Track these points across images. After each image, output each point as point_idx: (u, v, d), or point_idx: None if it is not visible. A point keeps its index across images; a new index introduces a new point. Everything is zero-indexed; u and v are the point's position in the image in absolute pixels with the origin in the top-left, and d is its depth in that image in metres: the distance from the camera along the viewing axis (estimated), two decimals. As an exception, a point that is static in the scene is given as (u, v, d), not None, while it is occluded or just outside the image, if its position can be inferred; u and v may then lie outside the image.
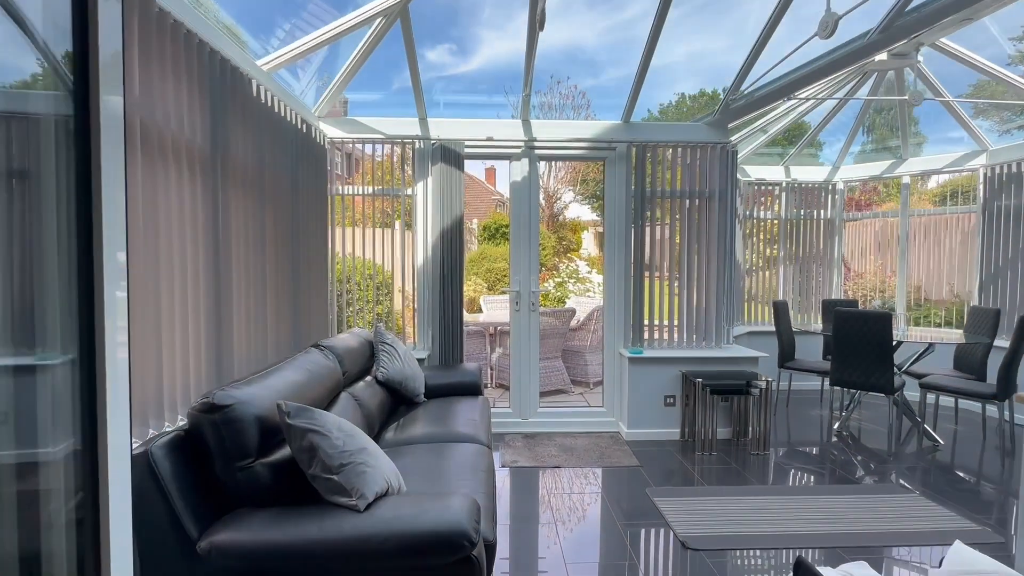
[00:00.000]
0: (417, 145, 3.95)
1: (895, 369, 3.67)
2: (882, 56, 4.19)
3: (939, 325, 5.56)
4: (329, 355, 2.41)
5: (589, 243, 16.25)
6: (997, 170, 4.77)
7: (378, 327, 3.24)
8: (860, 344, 3.72)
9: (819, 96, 4.44)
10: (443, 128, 3.98)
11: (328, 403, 2.26)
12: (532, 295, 4.12)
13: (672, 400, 3.96)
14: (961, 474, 3.37)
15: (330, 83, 3.69)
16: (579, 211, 17.35)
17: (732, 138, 4.13)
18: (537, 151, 4.05)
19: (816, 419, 4.62)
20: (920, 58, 4.18)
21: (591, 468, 3.41)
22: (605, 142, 4.02)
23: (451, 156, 3.87)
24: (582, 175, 16.29)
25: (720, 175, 4.06)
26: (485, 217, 13.83)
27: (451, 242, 3.89)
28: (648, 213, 4.07)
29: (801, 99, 4.32)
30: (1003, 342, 4.07)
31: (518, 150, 4.03)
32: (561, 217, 16.18)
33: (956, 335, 4.92)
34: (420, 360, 3.81)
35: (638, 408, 3.95)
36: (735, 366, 3.95)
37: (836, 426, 4.19)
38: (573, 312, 5.72)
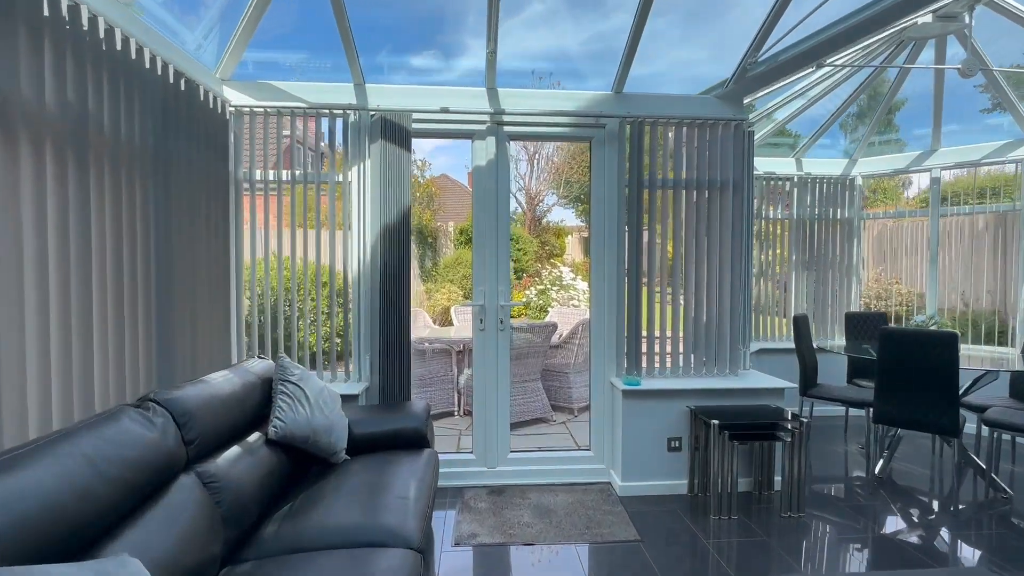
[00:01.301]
0: (351, 118, 3.07)
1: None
2: (926, 18, 3.46)
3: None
4: (156, 419, 1.50)
5: (574, 248, 15.47)
6: (1048, 161, 4.07)
7: (281, 360, 2.33)
8: (916, 373, 2.94)
9: (855, 64, 3.69)
10: (385, 96, 3.10)
11: (136, 507, 1.35)
12: (501, 310, 3.25)
13: (677, 444, 3.12)
14: (1055, 545, 2.59)
15: (233, 36, 2.79)
16: (563, 214, 16.60)
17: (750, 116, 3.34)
18: (507, 128, 3.20)
19: (844, 457, 3.83)
20: (971, 22, 3.45)
21: (575, 545, 2.54)
22: (592, 116, 3.18)
23: (395, 132, 3.00)
24: (565, 177, 15.54)
25: (735, 160, 3.26)
26: (465, 221, 12.95)
27: (395, 243, 3.01)
28: (646, 207, 3.25)
29: (836, 67, 3.55)
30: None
31: (482, 126, 3.17)
32: (544, 220, 15.40)
33: (1003, 354, 4.20)
34: (352, 397, 2.91)
35: (635, 454, 3.10)
36: (756, 399, 3.13)
37: (877, 470, 3.40)
38: (554, 327, 4.87)
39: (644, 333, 3.28)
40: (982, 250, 4.67)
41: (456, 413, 4.95)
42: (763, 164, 4.91)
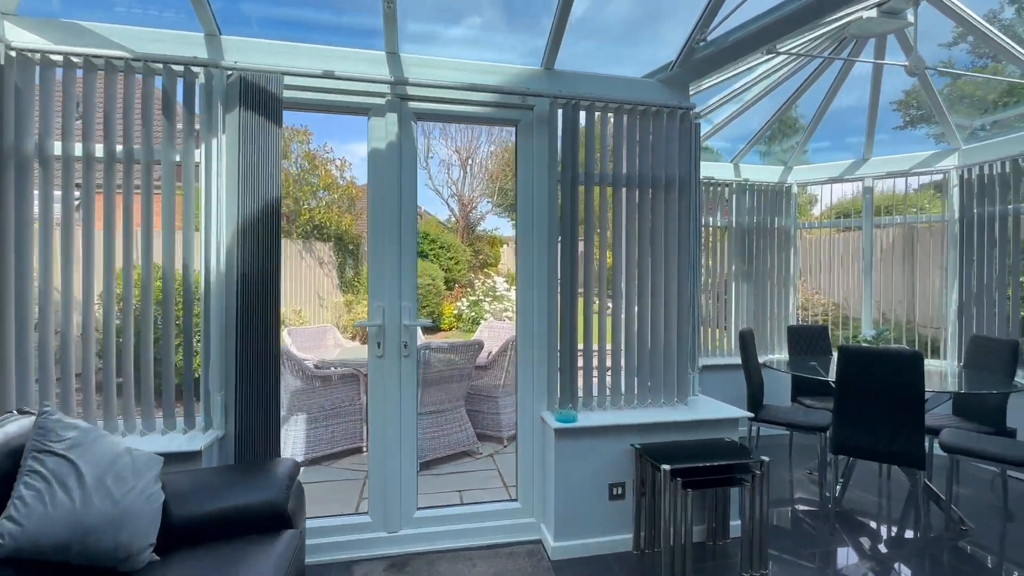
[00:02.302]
0: (200, 77, 2.31)
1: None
2: (871, 13, 3.25)
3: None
4: None
5: (508, 258, 15.00)
6: (975, 172, 4.04)
7: (45, 417, 1.52)
8: (879, 397, 2.61)
9: (813, 53, 3.41)
10: (248, 52, 2.37)
11: None
12: (405, 331, 2.58)
13: (620, 491, 2.60)
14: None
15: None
16: (497, 223, 16.12)
17: (696, 106, 2.93)
18: (412, 104, 2.57)
19: (794, 485, 3.50)
20: (916, 20, 3.28)
21: (494, 647, 1.91)
22: (518, 94, 2.63)
23: (260, 99, 2.27)
24: (500, 184, 15.08)
25: (681, 155, 2.83)
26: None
27: (261, 246, 2.27)
28: (582, 206, 2.73)
29: (791, 55, 3.25)
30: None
31: (380, 99, 2.52)
32: (478, 228, 14.81)
33: (937, 367, 4.10)
34: (191, 455, 2.12)
35: (571, 505, 2.54)
36: (708, 432, 2.68)
37: (832, 503, 3.07)
38: (480, 345, 4.26)
39: (580, 355, 2.75)
40: (896, 263, 4.72)
41: (365, 449, 4.20)
42: (702, 168, 4.62)
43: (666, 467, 2.27)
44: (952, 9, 3.16)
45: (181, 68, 2.24)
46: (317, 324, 8.99)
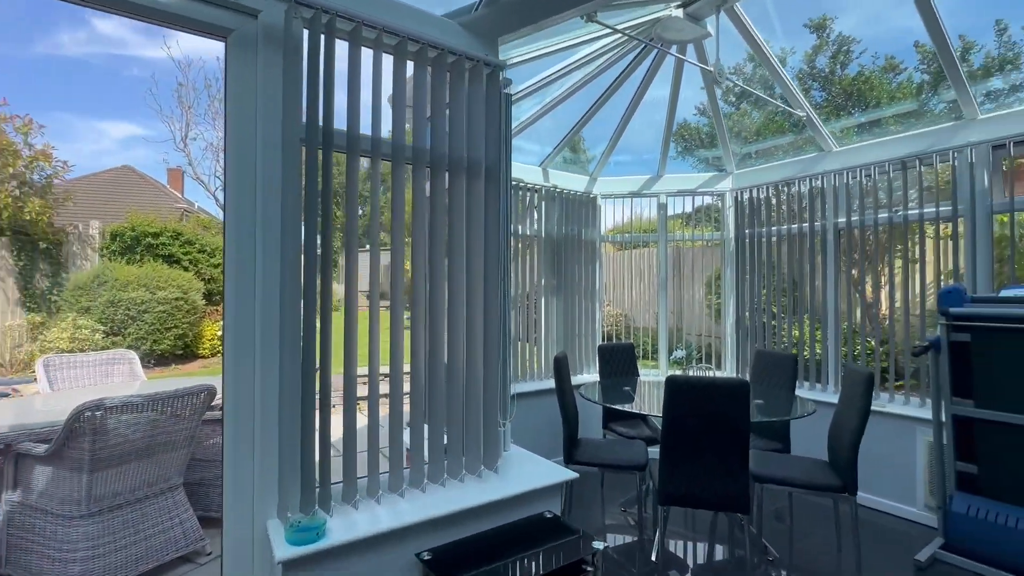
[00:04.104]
0: None
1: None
2: (678, 12, 3.07)
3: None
4: None
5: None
6: (746, 195, 4.35)
7: None
8: (708, 435, 2.23)
9: (637, 37, 3.03)
10: None
11: None
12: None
13: (401, 630, 1.66)
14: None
15: None
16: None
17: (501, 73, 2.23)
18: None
19: (607, 525, 3.07)
20: (711, 31, 3.22)
21: None
22: (220, -22, 1.54)
23: None
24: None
25: (489, 128, 2.09)
26: (122, 222, 8.94)
27: None
28: (338, 183, 1.77)
29: (608, 27, 2.80)
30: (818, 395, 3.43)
31: None
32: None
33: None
34: None
35: (315, 677, 1.50)
36: (524, 508, 1.94)
37: (653, 556, 2.66)
38: (210, 393, 2.88)
39: (336, 409, 1.75)
40: (669, 277, 4.97)
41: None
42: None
43: (466, 599, 1.42)
44: (747, 28, 3.16)
45: None
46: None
